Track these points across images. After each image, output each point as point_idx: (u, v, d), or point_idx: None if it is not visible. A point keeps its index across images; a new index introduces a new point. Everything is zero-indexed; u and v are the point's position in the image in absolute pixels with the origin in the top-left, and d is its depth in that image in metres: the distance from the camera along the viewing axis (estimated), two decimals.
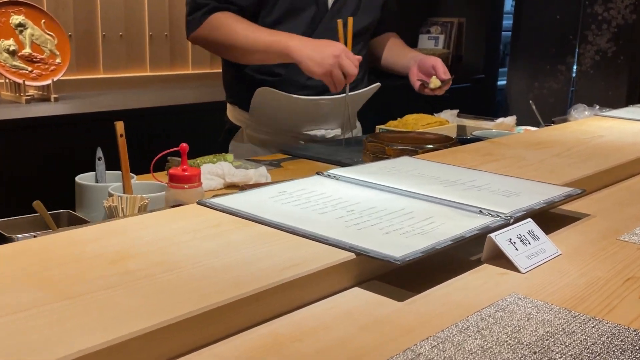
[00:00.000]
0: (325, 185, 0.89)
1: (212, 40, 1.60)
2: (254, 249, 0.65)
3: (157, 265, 0.60)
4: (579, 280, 0.70)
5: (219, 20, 1.57)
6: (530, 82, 3.88)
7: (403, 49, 1.84)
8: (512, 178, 0.97)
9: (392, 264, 0.63)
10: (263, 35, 1.52)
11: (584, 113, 1.82)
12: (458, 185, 0.91)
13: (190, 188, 1.03)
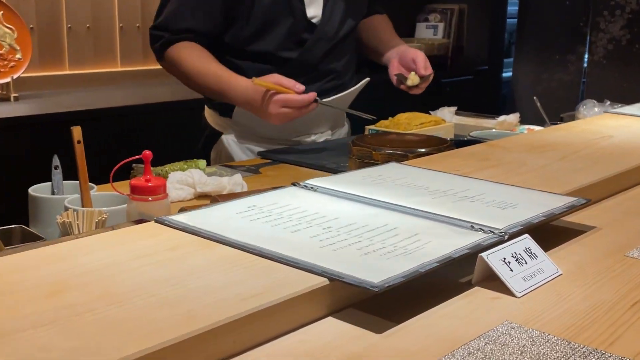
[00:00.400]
0: (301, 197, 0.87)
1: (175, 73, 1.65)
2: (214, 276, 0.63)
3: (101, 298, 0.57)
4: (580, 305, 0.68)
5: (173, 57, 1.61)
6: (537, 74, 3.87)
7: (388, 36, 1.84)
8: (510, 187, 0.95)
9: (370, 290, 0.61)
10: (210, 81, 1.58)
11: (594, 110, 1.80)
12: (449, 196, 0.89)
13: (154, 200, 1.01)
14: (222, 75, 1.58)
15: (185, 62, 1.60)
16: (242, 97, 1.56)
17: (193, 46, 1.62)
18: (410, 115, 1.64)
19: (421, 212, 0.82)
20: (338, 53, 1.73)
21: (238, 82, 1.56)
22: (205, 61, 1.60)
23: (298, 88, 1.50)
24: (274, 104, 1.50)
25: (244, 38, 1.64)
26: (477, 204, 0.86)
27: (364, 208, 0.84)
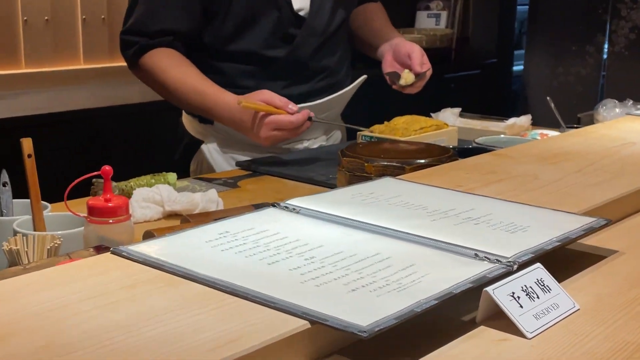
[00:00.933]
0: (280, 221, 0.85)
1: (150, 84, 1.64)
2: (178, 319, 0.61)
3: (43, 348, 0.55)
4: (601, 347, 0.66)
5: (149, 66, 1.60)
6: (552, 67, 3.86)
7: (382, 27, 1.83)
8: (519, 205, 0.93)
9: (357, 335, 0.59)
10: (192, 97, 1.58)
11: (614, 111, 1.79)
12: (450, 217, 0.87)
13: (116, 223, 0.99)
14: (206, 91, 1.56)
15: (164, 73, 1.58)
16: (228, 117, 1.55)
17: (171, 54, 1.60)
18: (408, 119, 1.62)
19: (418, 238, 0.80)
20: (330, 48, 1.72)
21: (224, 99, 1.55)
22: (187, 73, 1.59)
23: (290, 108, 1.50)
24: (265, 127, 1.50)
25: (225, 37, 1.62)
26: (482, 227, 0.84)
27: (352, 233, 0.82)
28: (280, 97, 1.51)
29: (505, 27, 4.21)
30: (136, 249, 0.75)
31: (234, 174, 1.51)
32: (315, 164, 1.54)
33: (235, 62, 1.65)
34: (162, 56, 1.59)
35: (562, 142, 1.34)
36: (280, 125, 1.49)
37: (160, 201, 1.19)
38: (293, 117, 1.49)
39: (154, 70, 1.59)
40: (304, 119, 1.50)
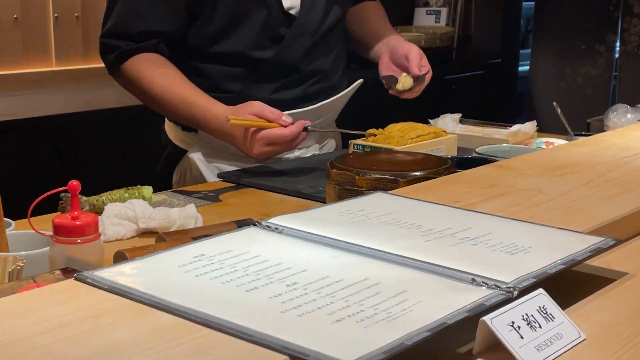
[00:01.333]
0: (261, 242, 0.84)
1: (134, 92, 1.63)
2: (144, 355, 0.59)
3: None
4: None
5: (132, 73, 1.59)
6: (560, 68, 3.87)
7: (379, 27, 1.83)
8: (521, 223, 0.92)
9: None
10: (180, 107, 1.57)
11: (626, 117, 1.79)
12: (446, 237, 0.86)
13: (84, 242, 0.98)
14: (195, 102, 1.56)
15: (148, 81, 1.57)
16: (219, 130, 1.55)
17: (156, 60, 1.59)
18: (404, 126, 1.61)
19: (410, 261, 0.79)
20: (323, 49, 1.71)
21: (214, 112, 1.54)
22: (174, 81, 1.58)
23: (284, 120, 1.49)
24: (257, 143, 1.50)
25: (210, 37, 1.62)
26: (480, 249, 0.83)
27: (339, 255, 0.81)
28: (272, 109, 1.50)
29: (510, 25, 4.21)
30: (102, 274, 0.74)
31: (216, 186, 1.50)
32: (305, 175, 1.54)
33: (220, 64, 1.64)
34: (146, 62, 1.58)
35: (568, 152, 1.33)
36: (274, 140, 1.49)
37: (133, 217, 1.18)
38: (287, 131, 1.49)
39: (138, 78, 1.58)
40: (298, 131, 1.50)
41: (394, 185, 1.18)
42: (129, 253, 1.00)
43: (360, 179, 1.20)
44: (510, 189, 1.09)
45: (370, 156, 1.34)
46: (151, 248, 1.03)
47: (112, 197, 1.27)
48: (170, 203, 1.34)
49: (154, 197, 1.34)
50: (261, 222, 0.90)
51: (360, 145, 1.58)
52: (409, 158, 1.33)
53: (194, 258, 0.78)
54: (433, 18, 3.99)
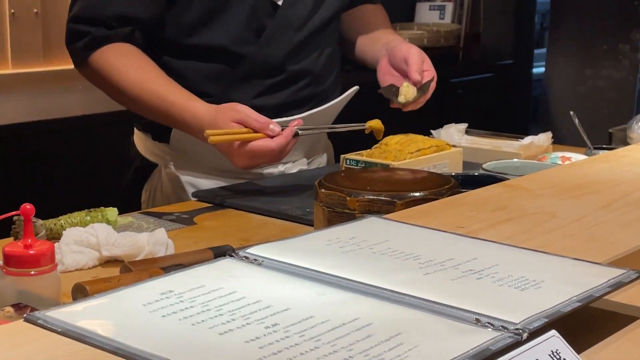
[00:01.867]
0: (238, 276, 0.83)
1: (103, 85, 1.62)
2: None
3: None
4: None
5: (102, 65, 1.57)
6: (579, 70, 3.89)
7: (379, 32, 1.82)
8: (532, 253, 0.92)
9: None
10: (156, 105, 1.55)
11: None
12: (447, 270, 0.86)
13: (38, 274, 0.97)
14: (173, 100, 1.54)
15: (121, 74, 1.56)
16: (199, 132, 1.52)
17: (130, 51, 1.58)
18: (402, 139, 1.61)
19: (406, 298, 0.78)
20: (313, 48, 1.70)
21: (194, 111, 1.53)
22: (149, 74, 1.57)
23: (272, 130, 1.47)
24: (242, 156, 1.48)
25: (187, 26, 1.61)
26: (486, 283, 0.82)
27: (326, 292, 0.80)
28: (257, 115, 1.48)
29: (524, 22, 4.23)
30: (56, 314, 0.73)
31: (190, 206, 1.50)
32: (291, 194, 1.53)
33: (197, 59, 1.63)
34: (119, 53, 1.57)
35: (587, 169, 1.33)
36: (260, 154, 1.47)
37: (95, 244, 1.17)
38: (273, 143, 1.46)
39: (109, 70, 1.56)
40: (287, 141, 1.48)
41: (390, 207, 1.17)
42: (89, 286, 1.00)
43: (352, 200, 1.20)
44: (520, 212, 1.09)
45: (363, 174, 1.33)
46: (115, 280, 1.02)
47: (72, 221, 1.27)
48: (138, 227, 1.33)
49: (119, 220, 1.33)
50: (238, 252, 0.89)
51: (353, 161, 1.58)
52: (407, 176, 1.32)
53: (162, 295, 0.78)
54: (437, 14, 4.00)
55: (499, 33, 4.13)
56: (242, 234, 1.34)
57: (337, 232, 0.98)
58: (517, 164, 1.58)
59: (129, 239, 1.19)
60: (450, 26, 3.93)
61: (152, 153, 1.73)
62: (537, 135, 1.80)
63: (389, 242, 0.94)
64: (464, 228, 1.01)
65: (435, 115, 2.12)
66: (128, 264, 1.10)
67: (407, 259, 0.89)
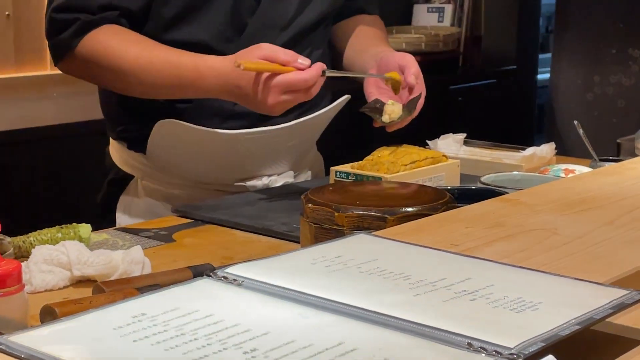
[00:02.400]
0: (216, 297, 0.84)
1: (93, 72, 1.61)
2: None
3: None
4: None
5: (94, 47, 1.56)
6: (587, 76, 3.90)
7: (370, 43, 1.81)
8: (530, 273, 0.92)
9: None
10: (165, 72, 1.54)
11: None
12: (439, 290, 0.86)
13: (4, 295, 0.97)
14: (182, 59, 1.54)
15: (118, 50, 1.55)
16: (219, 87, 1.52)
17: (122, 30, 1.58)
18: (396, 150, 1.62)
19: (395, 321, 0.78)
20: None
21: (210, 63, 1.52)
22: (149, 46, 1.57)
23: (301, 63, 1.48)
24: (272, 91, 1.47)
25: (167, 19, 1.62)
26: (480, 305, 0.83)
27: (310, 314, 0.80)
28: (285, 50, 1.49)
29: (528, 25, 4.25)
30: (21, 339, 0.73)
31: (169, 222, 1.50)
32: (276, 210, 1.54)
33: None
34: (112, 33, 1.57)
35: (590, 183, 1.34)
36: (292, 87, 1.47)
37: (67, 263, 1.17)
38: (307, 74, 1.47)
39: (104, 50, 1.56)
40: (318, 74, 1.48)
41: (381, 223, 1.17)
42: (59, 309, 1.00)
43: (340, 216, 1.20)
44: (518, 229, 1.09)
45: (353, 188, 1.34)
46: (86, 302, 1.02)
47: (42, 238, 1.27)
48: (113, 244, 1.33)
49: (93, 237, 1.33)
50: (217, 271, 0.90)
51: (343, 173, 1.58)
52: (399, 190, 1.33)
53: (134, 318, 0.78)
54: (435, 17, 4.02)
55: (501, 37, 4.14)
56: (224, 251, 1.34)
57: (323, 250, 0.99)
58: (517, 177, 1.59)
59: (102, 258, 1.19)
60: (450, 29, 3.95)
61: (128, 164, 1.73)
62: (540, 146, 1.81)
63: (377, 261, 0.95)
64: (458, 246, 1.02)
65: (432, 124, 2.13)
66: (101, 285, 1.10)
67: (397, 279, 0.89)
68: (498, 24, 4.14)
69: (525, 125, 4.24)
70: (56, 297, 1.13)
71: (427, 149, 1.72)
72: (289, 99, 1.48)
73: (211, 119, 1.65)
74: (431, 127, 2.10)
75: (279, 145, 1.68)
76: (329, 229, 1.21)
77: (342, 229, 1.19)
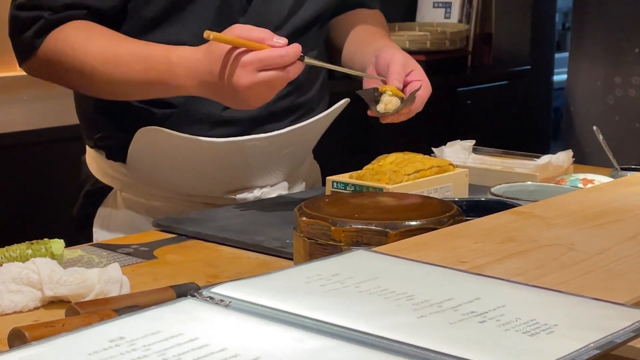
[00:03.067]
0: (201, 319, 0.84)
1: (58, 73, 1.61)
2: None
3: None
4: None
5: (60, 44, 1.56)
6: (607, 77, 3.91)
7: (370, 36, 1.82)
8: (545, 292, 0.93)
9: None
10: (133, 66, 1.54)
11: None
12: (445, 312, 0.86)
13: None
14: (152, 51, 1.54)
15: (83, 47, 1.56)
16: (192, 77, 1.51)
17: (89, 24, 1.59)
18: (399, 158, 1.62)
19: (397, 345, 0.79)
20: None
21: (181, 52, 1.52)
22: (114, 39, 1.57)
23: (276, 42, 1.46)
24: (247, 69, 1.45)
25: (147, 21, 1.63)
26: (490, 328, 0.83)
27: (304, 338, 0.81)
28: (260, 28, 1.48)
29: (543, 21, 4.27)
30: None
31: (150, 237, 1.51)
32: (268, 224, 1.54)
33: None
34: (77, 28, 1.58)
35: (611, 194, 1.34)
36: (267, 63, 1.45)
37: (37, 282, 1.17)
38: (282, 50, 1.45)
39: (68, 48, 1.56)
40: (295, 52, 1.46)
41: (382, 238, 1.18)
42: (28, 332, 1.00)
43: (337, 230, 1.20)
44: (532, 244, 1.10)
45: (351, 199, 1.34)
46: (59, 324, 1.02)
47: (10, 255, 1.27)
48: (88, 261, 1.33)
49: (66, 254, 1.33)
50: (202, 291, 0.90)
51: (341, 184, 1.59)
52: (402, 202, 1.33)
53: (111, 342, 0.78)
54: (442, 12, 4.04)
55: (513, 34, 4.16)
56: (211, 269, 1.34)
57: (319, 267, 0.99)
58: (531, 188, 1.59)
59: (76, 277, 1.19)
60: (458, 26, 3.96)
61: (106, 174, 1.74)
62: (556, 154, 1.81)
63: (378, 280, 0.95)
64: (466, 263, 1.02)
65: (438, 129, 2.14)
66: (75, 306, 1.10)
67: (399, 299, 0.89)
68: (510, 21, 4.15)
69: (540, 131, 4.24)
70: (26, 319, 1.13)
71: (433, 157, 1.73)
72: (265, 78, 1.45)
73: (197, 125, 1.65)
74: (437, 132, 2.11)
75: (271, 154, 1.68)
76: (325, 244, 1.21)
77: (339, 245, 1.20)
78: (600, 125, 1.97)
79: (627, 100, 3.87)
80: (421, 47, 3.63)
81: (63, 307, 1.14)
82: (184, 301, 0.89)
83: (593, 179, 1.63)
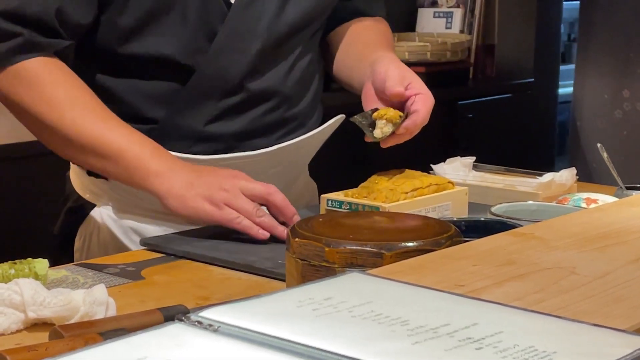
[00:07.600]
0: (188, 345, 0.84)
1: (14, 107, 1.60)
2: None
3: None
4: None
5: (30, 79, 1.56)
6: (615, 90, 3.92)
7: (368, 48, 1.80)
8: (545, 317, 0.93)
9: None
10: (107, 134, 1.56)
11: None
12: (442, 338, 0.87)
13: None
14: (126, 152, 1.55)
15: (58, 97, 1.56)
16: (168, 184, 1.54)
17: (62, 68, 1.58)
18: (396, 176, 1.63)
19: None
20: (280, 60, 1.69)
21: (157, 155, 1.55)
22: (88, 108, 1.58)
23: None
24: (237, 178, 1.52)
25: (124, 31, 1.62)
26: (487, 354, 0.83)
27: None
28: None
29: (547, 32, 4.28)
30: None
31: (137, 257, 1.51)
32: (259, 243, 1.54)
33: (138, 76, 1.63)
34: (51, 68, 1.57)
35: (614, 215, 1.35)
36: (257, 198, 1.53)
37: (20, 304, 1.18)
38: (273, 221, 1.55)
39: (40, 89, 1.55)
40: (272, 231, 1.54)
41: (378, 260, 1.18)
42: (10, 356, 1.00)
43: (330, 251, 1.21)
44: (532, 267, 1.10)
45: (346, 219, 1.34)
46: (42, 348, 1.03)
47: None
48: (73, 282, 1.34)
49: (50, 274, 1.33)
50: (190, 315, 0.90)
51: (336, 202, 1.59)
52: (399, 222, 1.33)
53: None
54: (443, 22, 4.05)
55: (517, 45, 4.16)
56: (200, 291, 1.35)
57: (311, 290, 0.99)
58: (532, 207, 1.59)
59: (61, 298, 1.19)
60: (459, 37, 3.97)
61: (89, 190, 1.73)
62: (559, 172, 1.82)
63: (372, 304, 0.95)
64: (464, 286, 1.02)
65: (437, 145, 2.14)
66: (59, 329, 1.11)
67: (393, 324, 0.90)
68: (514, 31, 4.16)
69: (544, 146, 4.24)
70: (8, 342, 1.13)
71: (431, 175, 1.73)
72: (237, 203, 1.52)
73: (180, 142, 1.65)
74: (436, 148, 2.12)
75: (259, 173, 1.65)
76: (318, 266, 1.21)
77: (333, 267, 1.20)
78: (607, 140, 1.98)
79: (636, 114, 3.87)
80: (421, 58, 3.63)
81: (46, 330, 1.15)
82: (171, 325, 0.89)
83: (597, 198, 1.64)
